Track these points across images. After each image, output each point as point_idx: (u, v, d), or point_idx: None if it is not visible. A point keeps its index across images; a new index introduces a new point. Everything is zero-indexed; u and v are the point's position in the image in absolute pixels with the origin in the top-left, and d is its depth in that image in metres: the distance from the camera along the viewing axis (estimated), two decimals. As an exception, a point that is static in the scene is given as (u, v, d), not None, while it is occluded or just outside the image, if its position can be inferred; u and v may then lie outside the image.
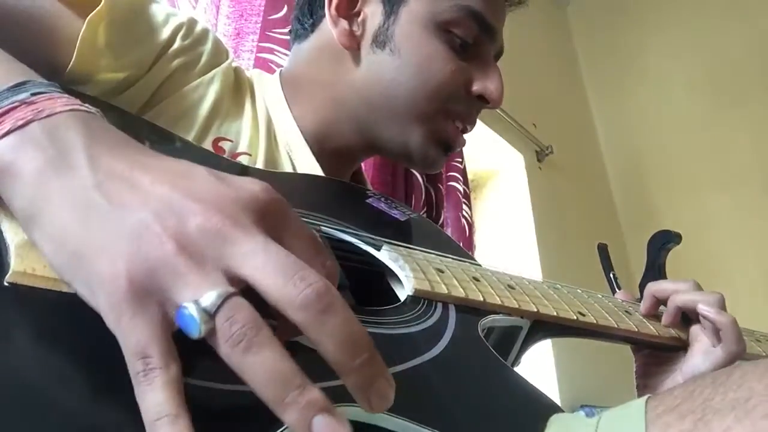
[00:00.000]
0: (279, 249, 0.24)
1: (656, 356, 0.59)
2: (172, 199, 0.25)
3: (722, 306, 0.54)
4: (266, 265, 0.23)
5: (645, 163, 2.51)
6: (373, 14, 0.59)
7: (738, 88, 2.27)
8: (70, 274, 0.25)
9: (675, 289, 0.57)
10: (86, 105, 0.30)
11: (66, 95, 0.30)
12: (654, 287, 0.58)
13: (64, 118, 0.28)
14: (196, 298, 0.23)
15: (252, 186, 0.27)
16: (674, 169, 2.38)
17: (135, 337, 0.22)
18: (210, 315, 0.22)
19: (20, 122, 0.27)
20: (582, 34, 2.85)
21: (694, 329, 0.55)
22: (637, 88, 2.58)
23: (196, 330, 0.22)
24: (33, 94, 0.29)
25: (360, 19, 0.60)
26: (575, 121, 2.63)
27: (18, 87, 0.29)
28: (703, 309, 0.53)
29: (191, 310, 0.22)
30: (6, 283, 0.26)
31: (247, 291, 0.24)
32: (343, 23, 0.60)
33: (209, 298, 0.23)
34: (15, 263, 0.27)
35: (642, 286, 0.64)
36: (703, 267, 2.01)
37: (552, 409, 0.34)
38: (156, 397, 0.21)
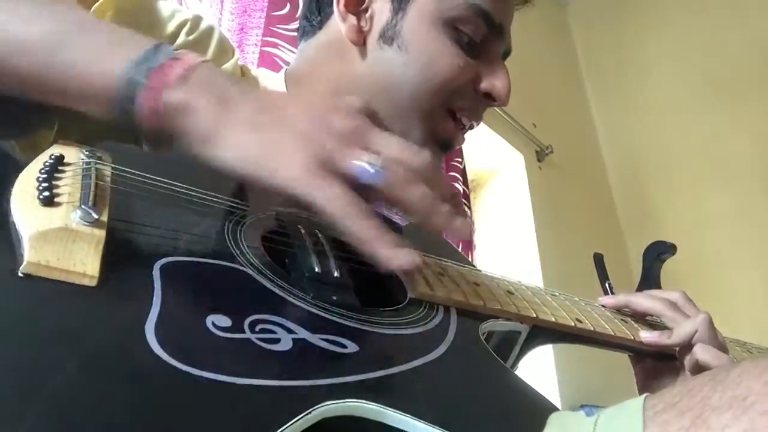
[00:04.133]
0: (392, 136, 0.38)
1: (655, 370, 0.60)
2: (314, 114, 0.37)
3: (696, 330, 0.55)
4: (394, 146, 0.38)
5: (645, 163, 2.51)
6: (381, 10, 0.60)
7: (738, 88, 2.27)
8: (257, 175, 0.34)
9: (648, 309, 0.59)
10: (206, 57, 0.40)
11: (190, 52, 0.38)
12: (633, 298, 0.60)
13: (206, 67, 0.37)
14: (362, 161, 0.35)
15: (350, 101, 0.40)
16: (674, 169, 2.38)
17: (331, 189, 0.34)
18: (376, 166, 0.35)
19: (182, 72, 0.35)
20: (582, 34, 2.85)
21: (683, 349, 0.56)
22: (637, 88, 2.58)
23: (373, 175, 0.35)
24: (174, 51, 0.37)
25: (368, 15, 0.60)
26: (575, 121, 2.63)
27: (158, 48, 0.36)
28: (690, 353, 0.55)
29: (365, 164, 0.35)
30: (21, 274, 0.26)
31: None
32: (352, 19, 0.60)
33: (374, 160, 0.35)
34: (29, 254, 0.27)
35: None
36: (703, 267, 2.02)
37: (551, 411, 0.34)
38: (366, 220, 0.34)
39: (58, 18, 0.38)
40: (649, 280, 0.66)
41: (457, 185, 1.54)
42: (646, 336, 0.55)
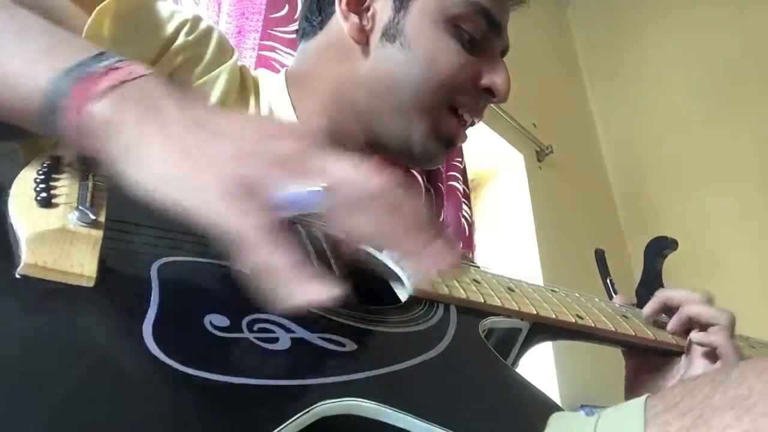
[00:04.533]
0: (343, 159, 0.32)
1: (649, 363, 0.60)
2: (252, 133, 0.31)
3: (731, 325, 0.55)
4: (343, 169, 0.32)
5: (645, 162, 2.51)
6: (382, 9, 0.60)
7: (737, 89, 2.27)
8: (174, 194, 0.29)
9: (687, 299, 0.57)
10: (155, 70, 0.34)
11: (140, 63, 0.34)
12: (666, 294, 0.59)
13: (147, 80, 0.32)
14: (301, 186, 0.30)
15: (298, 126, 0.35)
16: (674, 169, 2.38)
17: (248, 220, 0.28)
18: (317, 193, 0.29)
19: (115, 82, 0.31)
20: (582, 34, 2.85)
21: (694, 348, 0.56)
22: (637, 88, 2.58)
23: (312, 202, 0.29)
24: (117, 61, 0.33)
25: (370, 13, 0.61)
26: (575, 121, 2.63)
27: (99, 57, 0.33)
28: (696, 337, 0.55)
29: (299, 191, 0.29)
30: (18, 275, 0.26)
31: None
32: (354, 18, 0.60)
33: (313, 185, 0.30)
34: (27, 256, 0.27)
35: (639, 293, 0.64)
36: (703, 267, 2.02)
37: (553, 408, 0.34)
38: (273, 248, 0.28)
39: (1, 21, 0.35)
40: (651, 275, 0.66)
41: (457, 185, 1.54)
42: (697, 336, 0.55)
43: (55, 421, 0.21)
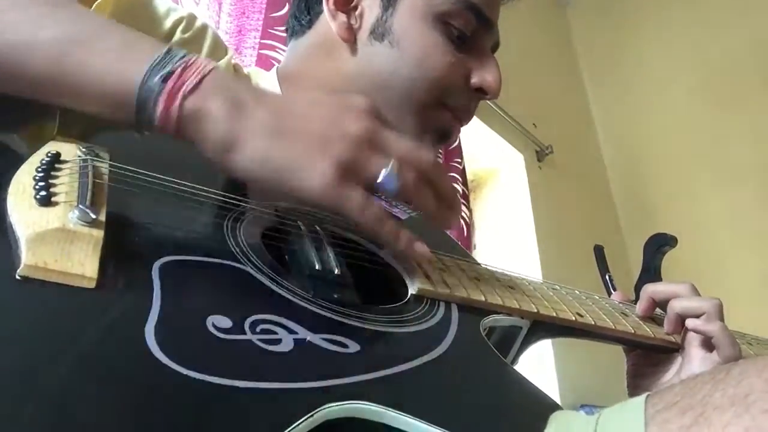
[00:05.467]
0: (400, 137, 0.40)
1: (650, 357, 0.59)
2: (327, 116, 0.38)
3: (719, 312, 0.55)
4: (403, 147, 0.39)
5: (645, 163, 2.51)
6: (370, 7, 0.60)
7: (737, 89, 2.27)
8: (281, 182, 0.36)
9: (673, 292, 0.57)
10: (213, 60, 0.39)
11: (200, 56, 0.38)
12: (651, 288, 0.58)
13: (217, 73, 0.37)
14: (383, 170, 0.37)
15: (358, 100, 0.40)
16: (674, 169, 2.38)
17: (357, 198, 0.37)
18: (395, 175, 0.37)
19: (198, 78, 0.36)
20: (582, 34, 2.85)
21: (691, 335, 0.56)
22: (636, 88, 2.58)
23: (393, 185, 0.37)
24: (184, 55, 0.37)
25: (358, 12, 0.60)
26: (575, 121, 2.63)
27: (170, 53, 0.37)
28: (691, 323, 0.55)
29: (387, 175, 0.37)
30: (18, 277, 0.26)
31: None
32: (342, 17, 0.60)
33: (391, 166, 0.37)
34: (27, 257, 0.27)
35: (638, 289, 0.64)
36: (702, 267, 2.02)
37: (553, 408, 0.34)
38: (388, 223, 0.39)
39: (68, 21, 0.38)
40: (650, 272, 0.66)
41: (456, 185, 1.54)
42: (692, 323, 0.54)
43: (54, 421, 0.21)
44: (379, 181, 0.37)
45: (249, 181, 0.38)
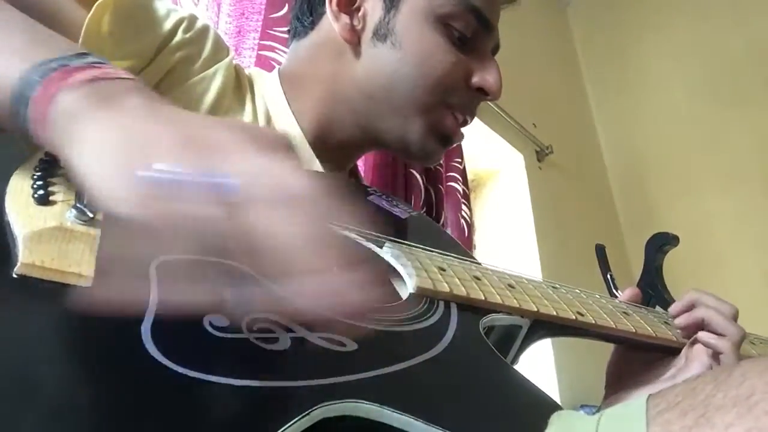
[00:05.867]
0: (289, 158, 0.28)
1: (641, 356, 0.59)
2: (202, 125, 0.28)
3: (740, 340, 0.55)
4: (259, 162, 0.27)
5: (645, 163, 2.51)
6: (373, 8, 0.60)
7: (738, 89, 2.27)
8: (84, 178, 0.26)
9: (712, 305, 0.57)
10: (138, 78, 0.32)
11: (125, 70, 0.32)
12: (694, 297, 0.58)
13: (125, 82, 0.30)
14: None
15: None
16: (674, 169, 2.38)
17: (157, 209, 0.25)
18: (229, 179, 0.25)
19: (89, 77, 0.29)
20: (582, 35, 2.85)
21: (697, 347, 0.55)
22: (637, 88, 2.58)
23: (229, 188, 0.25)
24: (99, 62, 0.31)
25: (360, 13, 0.61)
26: (575, 121, 2.63)
27: (83, 55, 0.31)
28: (706, 336, 0.54)
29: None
30: (14, 275, 0.26)
31: None
32: (344, 18, 0.61)
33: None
34: (24, 255, 0.27)
35: (639, 288, 0.64)
36: (703, 267, 2.02)
37: (553, 408, 0.34)
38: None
39: None
40: (651, 271, 0.66)
41: (456, 185, 1.54)
42: (705, 336, 0.54)
43: (52, 422, 0.21)
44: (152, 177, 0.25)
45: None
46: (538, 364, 1.62)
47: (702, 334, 0.55)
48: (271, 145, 0.28)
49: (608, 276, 0.68)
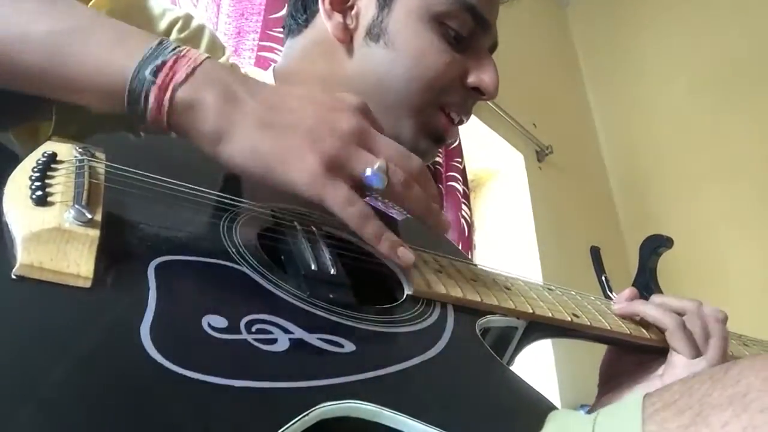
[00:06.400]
0: (388, 139, 0.41)
1: (634, 356, 0.58)
2: (319, 111, 0.38)
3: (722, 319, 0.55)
4: (391, 149, 0.40)
5: (645, 163, 2.51)
6: (366, 7, 0.60)
7: (738, 88, 2.27)
8: (268, 174, 0.37)
9: (681, 308, 0.56)
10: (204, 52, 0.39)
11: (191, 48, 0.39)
12: (658, 300, 0.57)
13: (209, 64, 0.38)
14: (370, 166, 0.38)
15: (350, 99, 0.41)
16: (674, 169, 2.38)
17: (341, 193, 0.37)
18: (384, 172, 0.38)
19: (189, 69, 0.36)
20: (582, 34, 2.85)
21: (675, 340, 0.54)
22: (636, 88, 2.58)
23: (380, 182, 0.38)
24: (176, 47, 0.38)
25: (353, 12, 0.60)
26: (575, 121, 2.63)
27: (162, 44, 0.37)
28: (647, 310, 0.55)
29: (375, 171, 0.38)
30: (13, 276, 0.26)
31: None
32: (337, 17, 0.60)
33: (380, 163, 0.38)
34: (22, 256, 0.26)
35: None
36: (702, 266, 2.02)
37: (549, 409, 0.34)
38: (373, 222, 0.39)
39: (61, 14, 0.38)
40: (645, 273, 0.66)
41: (457, 185, 1.54)
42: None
43: (49, 422, 0.21)
44: (366, 175, 0.37)
45: (239, 173, 0.38)
46: (538, 364, 1.62)
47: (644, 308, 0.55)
48: (369, 116, 0.41)
49: (603, 278, 0.68)
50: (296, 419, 0.24)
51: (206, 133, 0.37)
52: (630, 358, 0.59)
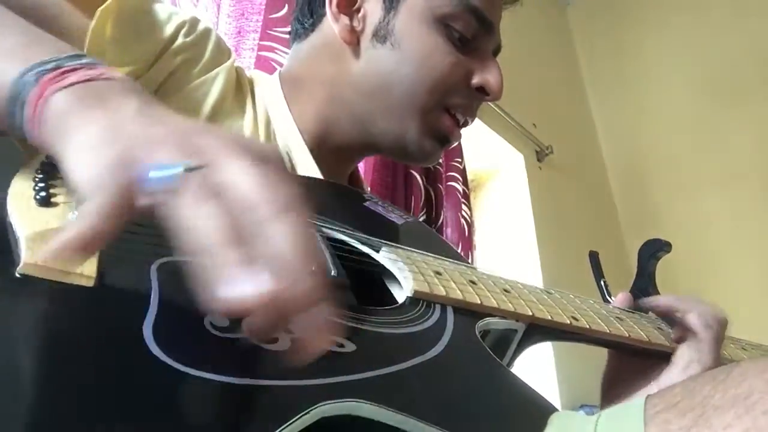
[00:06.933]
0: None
1: (634, 363, 0.59)
2: (173, 123, 0.28)
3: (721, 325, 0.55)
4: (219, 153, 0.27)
5: (645, 163, 2.51)
6: (372, 10, 0.61)
7: (738, 88, 2.27)
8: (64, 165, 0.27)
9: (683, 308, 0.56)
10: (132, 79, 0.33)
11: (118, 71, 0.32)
12: (654, 302, 0.58)
13: (119, 82, 0.30)
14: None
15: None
16: (674, 169, 2.38)
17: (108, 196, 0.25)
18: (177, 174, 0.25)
19: (83, 78, 0.29)
20: (582, 34, 2.85)
21: (682, 347, 0.55)
22: (637, 88, 2.58)
23: (163, 180, 0.25)
24: (94, 63, 0.31)
25: (360, 15, 0.61)
26: (575, 121, 2.63)
27: (78, 56, 0.31)
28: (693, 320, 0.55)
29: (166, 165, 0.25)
30: (17, 275, 0.26)
31: None
32: (344, 19, 0.61)
33: (182, 165, 0.25)
34: (26, 255, 0.27)
35: (632, 294, 0.64)
36: (703, 267, 2.02)
37: (549, 410, 0.34)
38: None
39: None
40: (644, 277, 0.66)
41: (456, 185, 1.54)
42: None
43: (52, 420, 0.21)
44: (140, 175, 0.25)
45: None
46: (539, 365, 1.62)
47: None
48: (260, 155, 0.27)
49: (602, 282, 0.68)
50: (297, 417, 0.24)
51: (55, 141, 0.28)
52: (631, 366, 0.59)
